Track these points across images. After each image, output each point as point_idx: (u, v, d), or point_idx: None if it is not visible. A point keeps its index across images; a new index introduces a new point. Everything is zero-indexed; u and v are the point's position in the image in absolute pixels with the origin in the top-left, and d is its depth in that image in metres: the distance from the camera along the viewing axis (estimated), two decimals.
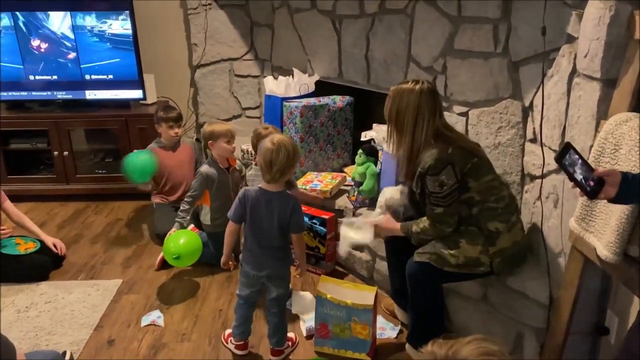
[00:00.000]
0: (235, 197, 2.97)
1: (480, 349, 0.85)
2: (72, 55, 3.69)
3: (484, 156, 2.10)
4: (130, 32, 3.63)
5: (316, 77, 3.41)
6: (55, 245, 2.97)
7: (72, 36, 3.64)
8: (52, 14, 3.60)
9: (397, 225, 2.19)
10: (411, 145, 2.02)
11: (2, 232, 2.82)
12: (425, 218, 2.06)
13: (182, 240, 2.71)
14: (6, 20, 3.58)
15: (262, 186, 2.12)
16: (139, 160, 3.05)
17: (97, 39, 3.66)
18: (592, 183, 1.32)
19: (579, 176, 1.35)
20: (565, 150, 1.37)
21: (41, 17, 3.60)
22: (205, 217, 2.97)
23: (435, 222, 2.03)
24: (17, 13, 3.58)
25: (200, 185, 2.87)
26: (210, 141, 2.89)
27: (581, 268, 1.75)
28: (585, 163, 1.35)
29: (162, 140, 3.33)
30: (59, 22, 3.62)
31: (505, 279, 2.12)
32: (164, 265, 2.93)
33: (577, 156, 1.36)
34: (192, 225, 3.06)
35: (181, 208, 2.91)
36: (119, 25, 3.63)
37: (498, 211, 2.02)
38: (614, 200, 1.34)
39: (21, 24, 3.61)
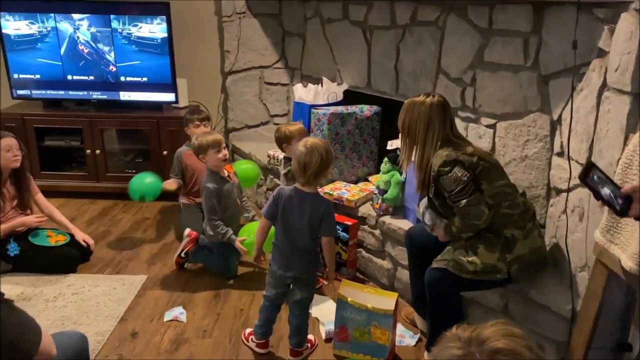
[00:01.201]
0: (241, 202, 3.00)
1: (504, 330, 0.87)
2: (109, 57, 3.82)
3: (495, 162, 2.14)
4: (165, 36, 3.73)
5: (345, 86, 3.46)
6: (85, 241, 3.05)
7: (109, 39, 3.77)
8: (91, 16, 3.73)
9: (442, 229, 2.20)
10: (422, 155, 2.10)
11: (37, 219, 2.91)
12: (456, 217, 2.08)
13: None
14: (51, 22, 3.72)
15: (297, 186, 2.16)
16: (144, 182, 3.13)
17: (134, 43, 3.78)
18: (620, 201, 1.32)
19: (606, 194, 1.35)
20: (588, 169, 1.37)
21: (81, 19, 3.74)
22: (210, 230, 2.87)
23: (465, 217, 2.04)
24: (57, 15, 3.72)
25: (211, 199, 2.82)
26: (200, 155, 2.86)
27: (605, 281, 1.74)
28: (610, 181, 1.35)
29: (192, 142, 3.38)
30: (98, 24, 3.74)
31: (527, 291, 2.12)
32: (181, 266, 3.00)
33: (601, 174, 1.35)
34: (188, 230, 3.05)
35: (217, 229, 2.82)
36: (156, 30, 3.74)
37: (514, 217, 2.05)
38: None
39: (61, 26, 3.75)
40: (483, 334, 0.86)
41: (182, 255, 2.98)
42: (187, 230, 3.04)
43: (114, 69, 3.84)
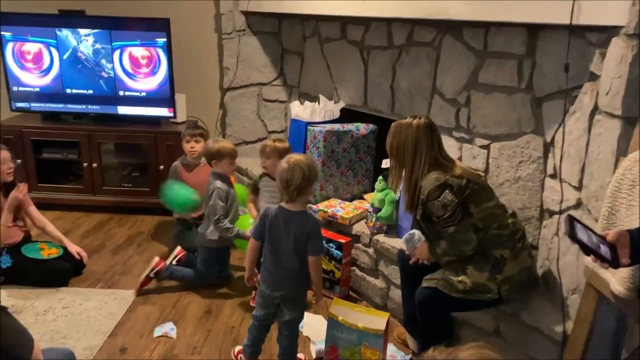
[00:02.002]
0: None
1: (480, 354, 0.86)
2: (108, 71, 3.84)
3: (484, 183, 2.16)
4: (165, 52, 3.76)
5: (342, 104, 3.47)
6: (78, 254, 3.04)
7: (110, 53, 3.80)
8: (92, 31, 3.76)
9: (425, 247, 2.21)
10: (410, 176, 2.12)
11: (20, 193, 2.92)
12: (443, 240, 2.09)
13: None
14: (52, 36, 3.76)
15: (282, 205, 2.14)
16: (180, 195, 3.10)
17: (134, 57, 3.81)
18: (610, 253, 1.30)
19: (595, 248, 1.32)
20: (571, 224, 1.34)
21: (82, 34, 3.77)
22: (213, 233, 2.87)
23: (453, 242, 2.06)
24: (60, 29, 3.75)
25: (221, 199, 2.81)
26: (215, 160, 2.87)
27: (595, 305, 1.73)
28: (593, 232, 1.33)
29: (187, 158, 3.38)
30: (99, 39, 3.78)
31: (519, 313, 2.11)
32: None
33: (583, 227, 1.34)
34: (179, 248, 3.06)
35: (224, 226, 2.79)
36: (156, 46, 3.77)
37: (503, 238, 2.06)
38: (632, 263, 1.32)
39: (63, 40, 3.78)
40: (458, 357, 0.86)
41: (152, 275, 2.91)
42: (178, 249, 3.06)
43: (113, 83, 3.87)
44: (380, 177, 2.84)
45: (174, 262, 2.99)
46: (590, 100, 1.93)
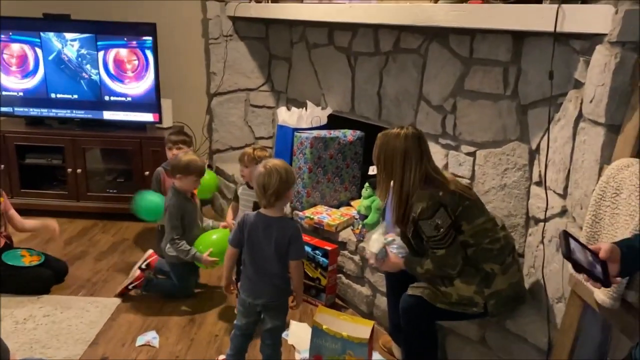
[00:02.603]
0: (202, 223, 2.93)
1: None
2: (93, 76, 3.80)
3: (476, 198, 2.11)
4: (152, 57, 3.73)
5: (329, 111, 3.46)
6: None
7: (95, 58, 3.76)
8: (77, 35, 3.72)
9: (400, 261, 2.17)
10: (400, 190, 2.03)
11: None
12: (429, 260, 2.03)
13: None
14: (34, 40, 3.72)
15: (261, 211, 2.11)
16: (150, 202, 3.07)
17: (120, 62, 3.77)
18: (599, 269, 1.27)
19: (590, 268, 1.28)
20: (566, 241, 1.30)
21: (67, 38, 3.73)
22: (171, 250, 2.81)
23: (440, 265, 2.01)
24: (45, 33, 3.71)
25: (176, 218, 2.76)
26: (180, 175, 2.77)
27: (580, 313, 1.73)
28: (588, 250, 1.30)
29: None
30: (84, 44, 3.74)
31: (504, 321, 2.09)
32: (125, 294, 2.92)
33: (578, 243, 1.30)
34: (151, 251, 3.02)
35: (179, 248, 2.74)
36: (142, 50, 3.74)
37: (493, 252, 2.02)
38: (622, 276, 1.30)
39: (48, 44, 3.74)
40: None
41: (130, 287, 2.88)
42: (150, 252, 3.00)
43: (99, 88, 3.83)
44: (367, 184, 2.83)
45: (143, 266, 2.93)
46: (574, 108, 1.92)
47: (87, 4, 3.86)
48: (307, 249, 2.74)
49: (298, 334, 2.60)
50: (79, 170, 3.82)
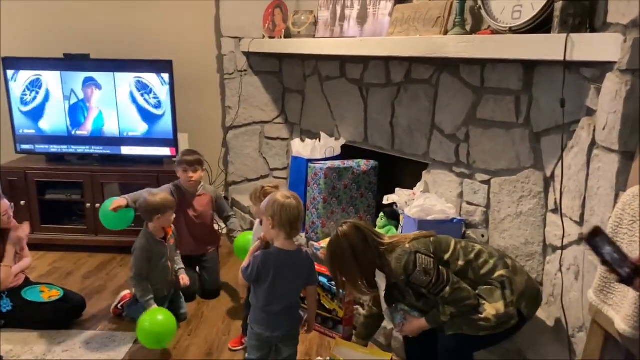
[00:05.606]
0: (172, 264, 2.94)
1: None
2: (112, 113, 3.89)
3: (433, 233, 2.11)
4: (168, 93, 3.82)
5: (342, 141, 3.49)
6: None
7: (114, 95, 3.86)
8: (96, 73, 3.83)
9: (422, 320, 2.09)
10: (361, 277, 2.07)
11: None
12: (444, 305, 1.97)
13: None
14: (56, 79, 3.83)
15: (279, 246, 2.10)
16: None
17: (137, 98, 3.86)
18: (627, 270, 1.29)
19: (610, 259, 1.31)
20: (595, 233, 1.33)
21: (86, 76, 3.84)
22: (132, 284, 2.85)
23: (456, 302, 1.95)
24: (63, 72, 3.83)
25: (142, 261, 2.79)
26: (159, 215, 2.80)
27: (602, 343, 1.69)
28: (618, 249, 1.31)
29: (181, 184, 3.29)
30: (102, 82, 3.84)
31: (525, 352, 2.06)
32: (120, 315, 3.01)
33: (608, 240, 1.32)
34: (125, 293, 3.09)
35: (140, 296, 2.75)
36: (159, 86, 3.83)
37: (489, 263, 2.00)
38: None
39: (67, 82, 3.85)
40: None
41: (119, 307, 3.00)
42: (124, 293, 3.08)
43: (117, 125, 3.91)
44: (382, 214, 2.83)
45: (119, 307, 3.02)
46: (587, 135, 1.92)
47: (106, 44, 3.98)
48: (324, 280, 2.73)
49: None
50: (97, 205, 3.86)
